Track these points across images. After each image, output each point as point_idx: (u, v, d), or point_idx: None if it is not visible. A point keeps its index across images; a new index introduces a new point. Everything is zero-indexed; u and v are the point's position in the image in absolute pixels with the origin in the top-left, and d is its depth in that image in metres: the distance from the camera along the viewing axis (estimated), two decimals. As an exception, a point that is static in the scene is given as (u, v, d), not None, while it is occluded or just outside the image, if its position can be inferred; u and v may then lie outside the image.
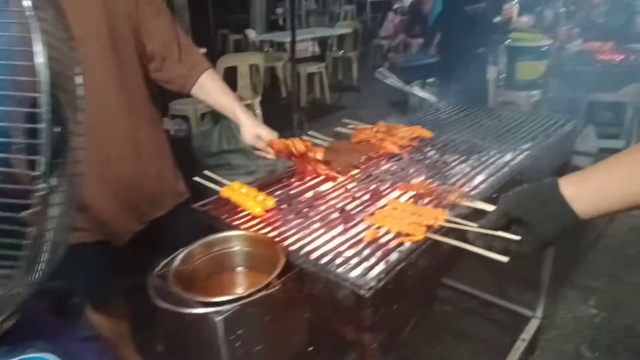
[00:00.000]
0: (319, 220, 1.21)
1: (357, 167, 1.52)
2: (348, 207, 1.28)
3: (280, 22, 10.15)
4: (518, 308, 2.45)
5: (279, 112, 5.84)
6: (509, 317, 2.52)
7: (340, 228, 1.17)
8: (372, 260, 1.02)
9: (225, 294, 0.90)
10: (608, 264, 2.98)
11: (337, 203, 1.30)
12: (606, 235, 3.29)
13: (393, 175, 1.47)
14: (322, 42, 8.06)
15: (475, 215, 1.22)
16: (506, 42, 5.03)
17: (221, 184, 1.35)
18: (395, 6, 11.65)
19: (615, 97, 3.16)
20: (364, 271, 0.98)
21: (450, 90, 2.44)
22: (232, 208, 1.26)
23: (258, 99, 5.07)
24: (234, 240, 1.07)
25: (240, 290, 0.97)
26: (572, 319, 2.54)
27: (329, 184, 1.45)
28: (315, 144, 1.68)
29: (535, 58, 4.82)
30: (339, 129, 1.84)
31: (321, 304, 1.01)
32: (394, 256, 1.04)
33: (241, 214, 1.23)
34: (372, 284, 0.92)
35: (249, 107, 5.01)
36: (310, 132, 1.78)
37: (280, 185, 1.44)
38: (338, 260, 1.02)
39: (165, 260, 1.00)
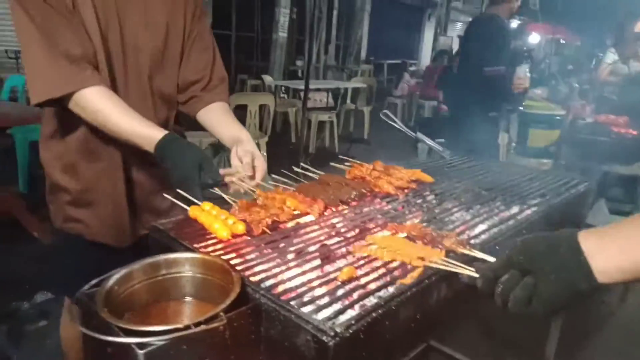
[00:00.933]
0: (293, 252, 1.06)
1: (346, 204, 1.38)
2: (329, 242, 1.13)
3: (299, 73, 10.41)
4: (518, 386, 2.19)
5: (286, 156, 5.80)
6: (508, 395, 2.25)
7: (316, 263, 1.01)
8: (345, 302, 0.86)
9: (160, 325, 0.74)
10: (620, 344, 2.72)
11: (319, 237, 1.15)
12: (617, 315, 3.04)
13: (385, 215, 1.32)
14: (337, 95, 8.18)
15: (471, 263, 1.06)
16: (520, 108, 5.02)
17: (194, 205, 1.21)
18: (412, 68, 11.98)
19: (629, 170, 3.03)
20: (333, 314, 0.81)
21: (459, 151, 2.35)
22: (198, 230, 1.11)
23: (265, 139, 5.02)
24: (185, 264, 0.92)
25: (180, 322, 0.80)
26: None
27: (312, 218, 1.30)
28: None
29: (548, 126, 4.77)
30: (334, 164, 1.72)
31: (278, 349, 0.83)
32: (371, 300, 0.87)
33: (206, 237, 1.08)
34: (339, 330, 0.75)
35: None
36: (302, 165, 1.66)
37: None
38: (304, 298, 0.86)
39: (98, 279, 0.84)
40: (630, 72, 4.11)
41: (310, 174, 1.59)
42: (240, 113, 4.86)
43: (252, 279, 0.92)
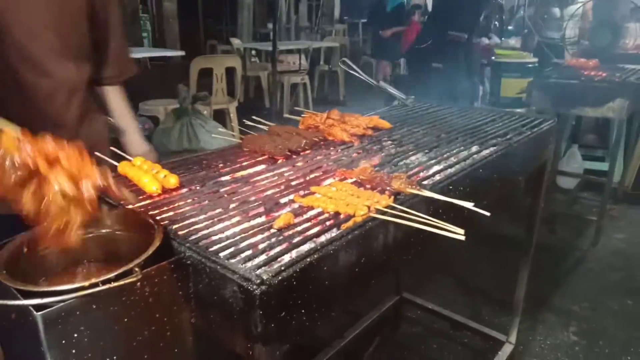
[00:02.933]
0: (233, 203, 0.98)
1: (296, 153, 1.30)
2: (274, 191, 1.05)
3: (271, 36, 10.10)
4: (491, 332, 2.22)
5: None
6: (481, 341, 2.28)
7: (257, 214, 0.94)
8: (278, 249, 0.79)
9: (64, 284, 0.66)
10: (590, 289, 2.76)
11: (264, 187, 1.08)
12: (589, 259, 3.09)
13: (336, 162, 1.24)
14: (311, 57, 7.96)
15: (424, 206, 1.00)
16: (492, 58, 4.94)
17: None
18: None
19: (599, 112, 3.00)
20: (263, 262, 0.74)
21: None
22: (128, 186, 1.02)
23: (234, 104, 4.87)
24: (102, 220, 0.84)
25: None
26: (550, 346, 2.30)
27: (262, 167, 1.23)
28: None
29: (520, 75, 4.71)
30: (288, 115, 1.63)
31: (209, 304, 0.77)
32: (307, 246, 0.81)
33: (137, 194, 1.00)
34: (266, 277, 0.69)
35: (224, 112, 4.81)
36: (253, 117, 1.56)
37: (205, 165, 1.21)
38: (235, 249, 0.79)
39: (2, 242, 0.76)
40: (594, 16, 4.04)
41: (262, 127, 1.50)
42: (205, 78, 4.68)
43: (181, 232, 0.84)
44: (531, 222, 1.92)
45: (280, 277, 0.71)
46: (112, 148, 1.19)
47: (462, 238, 0.80)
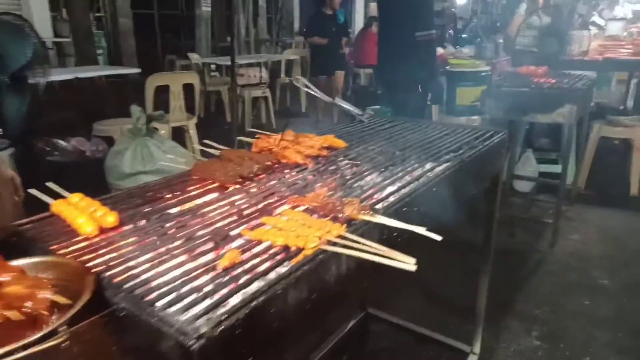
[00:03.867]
0: (178, 241, 0.92)
1: (248, 179, 1.25)
2: (224, 223, 1.00)
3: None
4: (456, 343, 2.22)
5: (221, 137, 5.54)
6: (447, 352, 2.28)
7: (204, 251, 0.88)
8: (224, 291, 0.74)
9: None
10: (550, 291, 2.82)
11: (213, 219, 1.02)
12: (547, 261, 3.17)
13: (290, 187, 1.21)
14: (272, 69, 7.94)
15: (378, 232, 0.98)
16: (447, 68, 5.05)
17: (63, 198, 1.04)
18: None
19: (549, 119, 3.10)
20: (205, 310, 0.69)
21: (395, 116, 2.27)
22: (63, 227, 0.95)
23: (193, 120, 4.77)
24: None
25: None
26: (515, 352, 2.33)
27: (213, 195, 1.18)
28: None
29: (474, 83, 4.84)
30: (242, 138, 1.58)
31: (147, 359, 0.71)
32: (254, 286, 0.76)
33: (72, 235, 0.93)
34: (205, 329, 0.64)
35: (183, 129, 4.70)
36: (205, 141, 1.51)
37: (149, 197, 1.14)
38: (175, 295, 0.73)
39: None
40: (542, 24, 4.20)
41: (211, 151, 1.45)
42: (163, 95, 4.56)
43: (117, 279, 0.78)
44: (489, 228, 1.95)
45: (222, 327, 0.66)
46: (48, 184, 1.10)
47: (413, 269, 0.78)
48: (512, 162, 3.95)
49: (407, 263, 0.78)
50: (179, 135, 4.63)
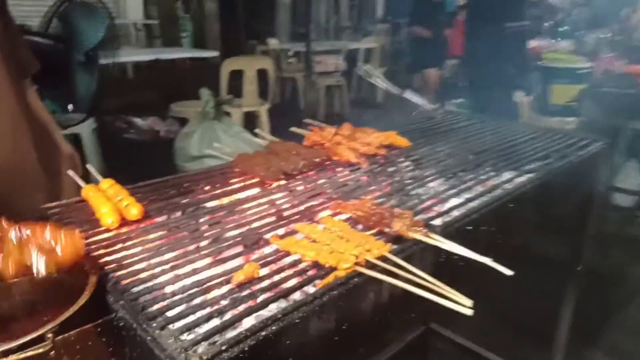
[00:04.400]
0: (205, 240, 0.83)
1: (292, 176, 1.13)
2: (259, 224, 0.90)
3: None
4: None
5: (295, 124, 5.51)
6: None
7: (233, 255, 0.78)
8: (232, 313, 0.63)
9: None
10: (644, 325, 2.44)
11: (249, 218, 0.92)
12: (643, 291, 2.75)
13: (338, 189, 1.07)
14: (350, 58, 7.77)
15: (432, 255, 0.81)
16: (539, 62, 4.58)
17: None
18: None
19: (662, 126, 2.66)
20: (207, 334, 0.59)
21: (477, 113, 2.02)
22: (88, 215, 0.90)
23: (265, 106, 4.76)
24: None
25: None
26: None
27: (254, 191, 1.08)
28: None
29: (571, 81, 4.33)
30: (294, 129, 1.47)
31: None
32: (270, 309, 0.64)
33: (93, 226, 0.87)
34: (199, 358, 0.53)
35: (255, 114, 4.71)
36: (257, 131, 1.42)
37: (185, 188, 1.06)
38: (178, 310, 0.63)
39: None
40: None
41: (260, 141, 1.35)
42: (236, 79, 4.60)
43: (124, 282, 0.70)
44: (578, 245, 1.67)
45: (222, 358, 0.55)
46: (88, 166, 1.07)
47: (468, 313, 0.61)
48: (613, 172, 3.48)
49: (462, 305, 0.62)
50: (251, 120, 4.65)
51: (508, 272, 0.73)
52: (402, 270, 0.72)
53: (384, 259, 0.74)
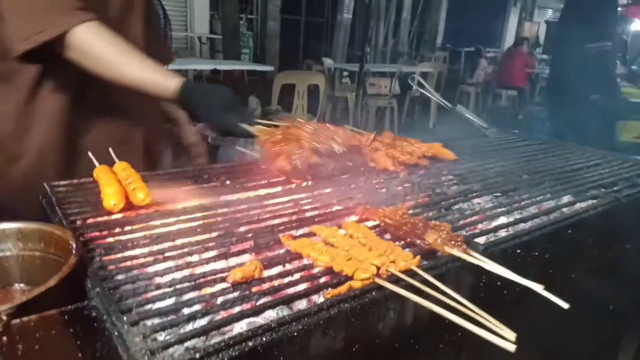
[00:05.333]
0: (215, 232, 0.75)
1: (323, 178, 1.03)
2: (276, 222, 0.80)
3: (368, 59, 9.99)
4: None
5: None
6: None
7: (242, 249, 0.69)
8: (221, 315, 0.53)
9: None
10: None
11: (267, 216, 0.83)
12: None
13: (369, 195, 0.96)
14: (404, 82, 7.67)
15: (470, 277, 0.68)
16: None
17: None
18: (490, 54, 11.06)
19: None
20: (179, 338, 0.49)
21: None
22: (95, 196, 0.84)
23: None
24: (10, 238, 0.64)
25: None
26: None
27: (278, 189, 0.99)
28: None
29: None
30: (332, 133, 1.37)
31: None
32: (265, 316, 0.54)
33: (96, 207, 0.80)
34: (161, 367, 0.43)
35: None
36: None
37: (203, 179, 0.99)
38: (157, 306, 0.54)
39: None
40: None
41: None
42: (287, 94, 4.61)
43: (111, 267, 0.62)
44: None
45: (192, 370, 0.45)
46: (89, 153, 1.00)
47: (511, 349, 0.48)
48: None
49: (504, 338, 0.48)
50: (298, 134, 4.62)
51: (564, 304, 0.58)
52: (432, 289, 0.59)
53: (411, 273, 0.62)
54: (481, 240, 0.78)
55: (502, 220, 0.88)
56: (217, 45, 8.51)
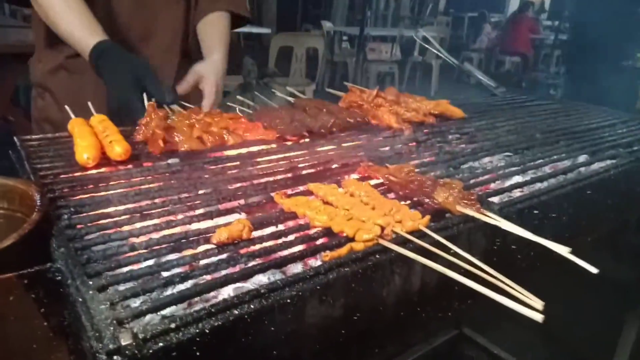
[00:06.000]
0: (200, 189, 0.67)
1: (319, 135, 0.95)
2: (267, 180, 0.73)
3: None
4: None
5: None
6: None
7: (229, 208, 0.62)
8: (207, 279, 0.47)
9: None
10: None
11: (255, 172, 0.75)
12: None
13: (371, 153, 0.88)
14: (405, 48, 7.47)
15: (483, 240, 0.61)
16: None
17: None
18: (494, 19, 10.75)
19: None
20: (155, 306, 0.42)
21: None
22: (67, 150, 0.76)
23: (311, 87, 4.59)
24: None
25: None
26: None
27: (272, 146, 0.91)
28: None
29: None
30: (330, 90, 1.29)
31: (75, 349, 0.47)
32: (254, 281, 0.47)
33: (68, 161, 0.72)
34: (127, 341, 0.37)
35: (300, 94, 4.56)
36: (288, 87, 1.25)
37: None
38: (129, 269, 0.47)
39: None
40: None
41: (290, 98, 1.17)
42: (284, 57, 4.46)
43: (80, 226, 0.54)
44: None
45: (162, 344, 0.38)
46: (89, 103, 0.92)
47: (538, 318, 0.41)
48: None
49: (531, 307, 0.42)
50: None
51: (593, 269, 0.51)
52: (443, 251, 0.52)
53: (419, 234, 0.55)
54: (495, 199, 0.71)
55: (517, 179, 0.81)
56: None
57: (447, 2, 12.35)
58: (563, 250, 0.53)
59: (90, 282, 0.43)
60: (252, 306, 0.43)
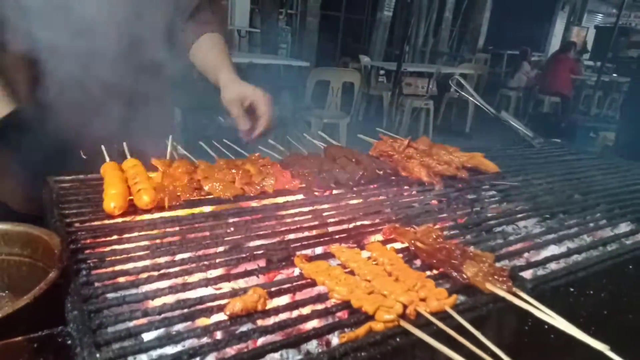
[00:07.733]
0: (222, 245, 0.66)
1: (347, 187, 0.93)
2: (294, 237, 0.71)
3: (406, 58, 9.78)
4: None
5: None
6: None
7: (251, 270, 0.61)
8: (217, 357, 0.45)
9: None
10: None
11: (281, 228, 0.74)
12: None
13: (398, 210, 0.86)
14: (442, 83, 7.46)
15: (515, 320, 0.57)
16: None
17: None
18: (534, 58, 10.62)
19: None
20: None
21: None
22: (97, 194, 0.77)
23: (346, 120, 4.62)
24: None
25: None
26: None
27: (299, 197, 0.90)
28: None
29: None
30: (362, 136, 1.28)
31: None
32: (263, 364, 0.45)
33: (96, 207, 0.73)
34: None
35: (334, 126, 4.60)
36: (319, 132, 1.25)
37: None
38: (138, 341, 0.46)
39: None
40: None
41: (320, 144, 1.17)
42: (321, 91, 4.52)
43: (98, 284, 0.54)
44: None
45: None
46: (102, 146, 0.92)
47: None
48: None
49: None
50: (331, 131, 4.54)
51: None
52: (469, 338, 0.49)
53: (443, 315, 0.52)
54: (528, 274, 0.67)
55: (553, 249, 0.76)
56: (256, 39, 8.51)
57: (486, 39, 12.33)
58: (602, 348, 0.48)
59: (98, 355, 0.42)
60: (259, 392, 0.41)
